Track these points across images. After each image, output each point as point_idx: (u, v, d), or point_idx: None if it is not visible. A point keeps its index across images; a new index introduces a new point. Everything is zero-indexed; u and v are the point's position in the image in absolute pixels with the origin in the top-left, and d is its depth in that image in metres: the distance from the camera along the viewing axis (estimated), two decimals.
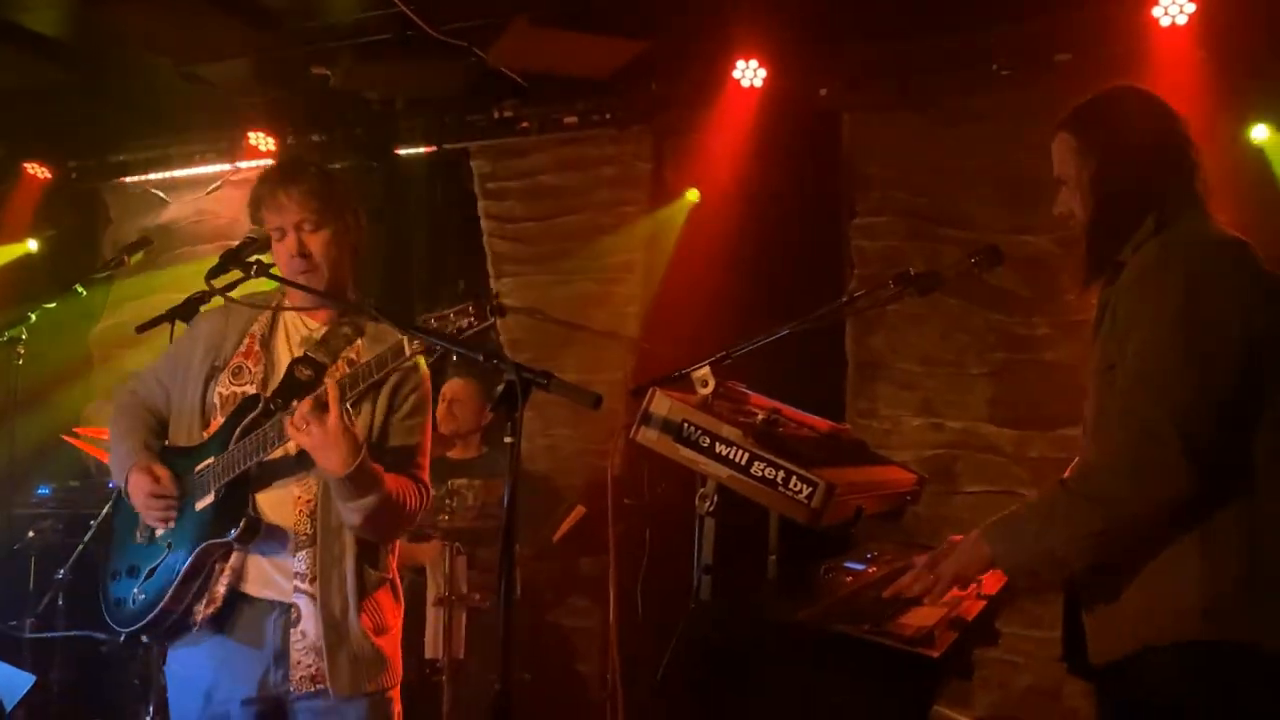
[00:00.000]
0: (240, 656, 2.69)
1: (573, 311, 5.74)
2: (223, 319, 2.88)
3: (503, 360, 2.35)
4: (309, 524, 2.69)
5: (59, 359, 5.71)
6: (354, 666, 2.68)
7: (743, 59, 5.05)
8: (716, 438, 2.44)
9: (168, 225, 6.42)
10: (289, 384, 2.72)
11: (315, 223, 2.77)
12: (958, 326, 4.94)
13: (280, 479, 2.72)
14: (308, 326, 2.85)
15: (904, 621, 2.32)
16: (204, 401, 2.80)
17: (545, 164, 5.88)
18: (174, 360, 2.92)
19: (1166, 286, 2.23)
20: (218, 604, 2.68)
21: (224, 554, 2.69)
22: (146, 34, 5.02)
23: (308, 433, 2.51)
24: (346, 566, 2.71)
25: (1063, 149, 2.45)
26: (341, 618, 2.69)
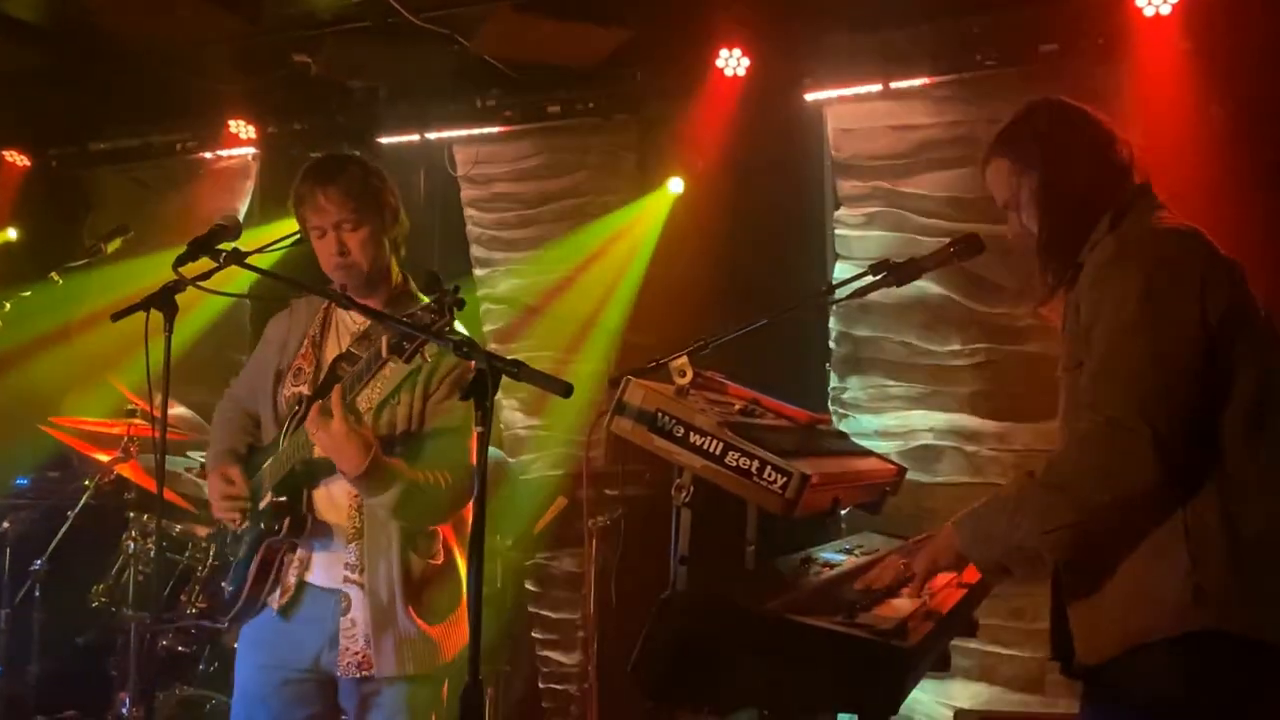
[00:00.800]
0: (300, 634, 2.86)
1: (556, 301, 5.72)
2: (288, 322, 3.03)
3: (473, 349, 2.36)
4: (357, 517, 2.82)
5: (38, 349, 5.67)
6: (399, 650, 2.80)
7: (726, 48, 5.03)
8: (691, 427, 2.42)
9: (148, 213, 6.37)
10: (329, 381, 2.78)
11: (355, 222, 2.83)
12: (941, 318, 4.92)
13: (331, 475, 2.83)
14: (356, 321, 2.91)
15: (877, 613, 2.30)
16: (275, 405, 2.95)
17: (529, 153, 5.85)
18: (256, 364, 3.09)
19: (1125, 278, 2.24)
20: (290, 592, 2.87)
21: (290, 547, 2.88)
22: (127, 20, 4.97)
23: (318, 438, 2.65)
24: (393, 557, 2.82)
25: (1000, 175, 2.48)
26: (389, 605, 2.81)
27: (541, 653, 5.66)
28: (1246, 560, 2.14)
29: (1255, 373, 2.21)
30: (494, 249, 5.96)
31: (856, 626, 2.15)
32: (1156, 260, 2.24)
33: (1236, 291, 2.25)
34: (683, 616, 2.20)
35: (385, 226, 2.90)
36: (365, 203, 2.84)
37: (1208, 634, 2.13)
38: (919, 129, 5.00)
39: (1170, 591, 2.15)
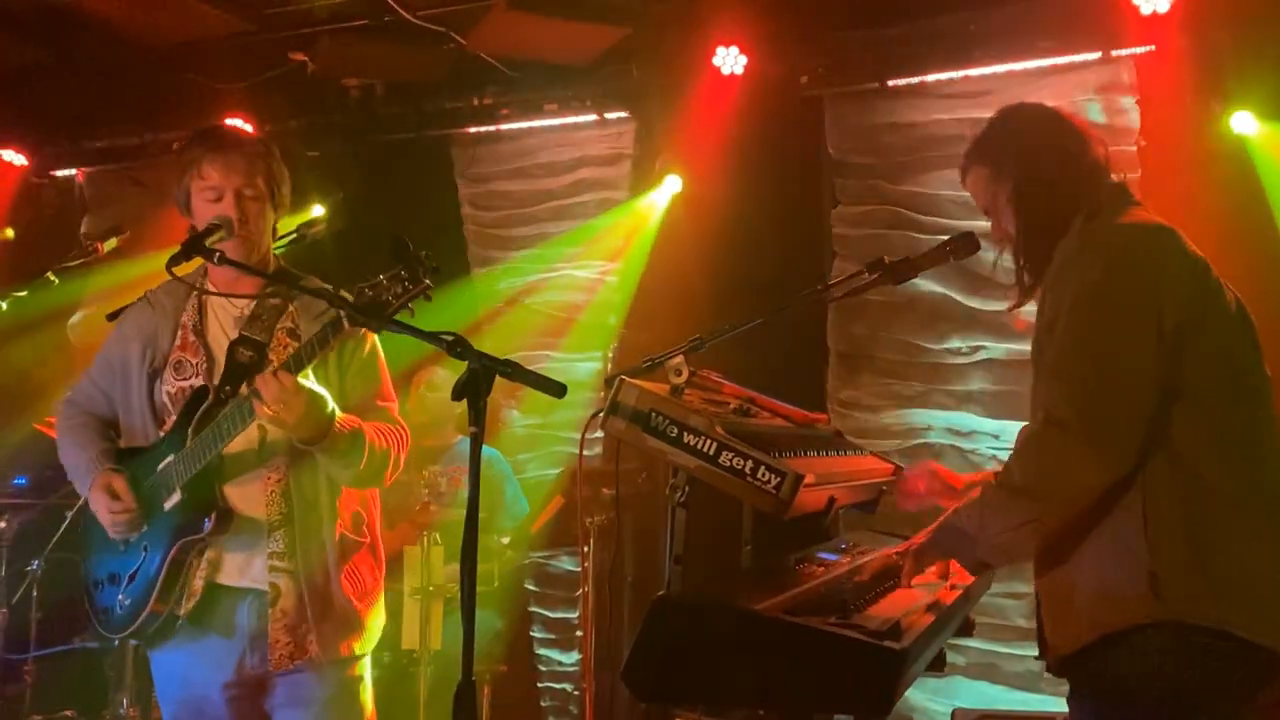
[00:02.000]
0: (216, 645, 2.72)
1: (554, 299, 5.72)
2: (149, 314, 2.86)
3: (465, 347, 2.32)
4: (282, 503, 2.71)
5: (35, 348, 5.66)
6: (336, 629, 2.73)
7: (723, 45, 5.01)
8: (684, 427, 2.40)
9: (144, 213, 6.35)
10: (232, 368, 2.71)
11: (257, 193, 2.76)
12: (939, 315, 4.91)
13: (245, 466, 2.73)
14: (235, 305, 2.82)
15: (871, 613, 2.29)
16: (153, 401, 2.79)
17: (525, 151, 5.85)
18: (109, 364, 2.90)
19: (1083, 275, 2.28)
20: (197, 598, 2.69)
21: (200, 549, 2.70)
22: (123, 17, 4.96)
23: (273, 409, 2.50)
24: (325, 536, 2.74)
25: (979, 181, 2.53)
26: (324, 586, 2.72)
27: (539, 651, 5.65)
28: (1205, 551, 2.17)
29: (1216, 368, 2.24)
30: (491, 247, 5.96)
31: (850, 627, 2.13)
32: (1115, 257, 2.29)
33: (1203, 289, 2.28)
34: (676, 617, 2.18)
35: (277, 205, 2.83)
36: (269, 176, 2.78)
37: (1169, 624, 2.16)
38: (917, 127, 5.00)
39: (1131, 582, 2.18)
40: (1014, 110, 2.57)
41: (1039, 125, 2.51)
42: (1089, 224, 2.37)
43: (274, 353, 2.73)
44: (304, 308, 2.79)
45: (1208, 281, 2.30)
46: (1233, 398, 2.26)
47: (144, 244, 6.23)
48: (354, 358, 2.80)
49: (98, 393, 2.91)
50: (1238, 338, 2.32)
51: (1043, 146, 2.46)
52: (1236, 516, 2.21)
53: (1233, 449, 2.24)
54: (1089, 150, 2.45)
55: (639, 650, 2.16)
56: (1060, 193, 2.41)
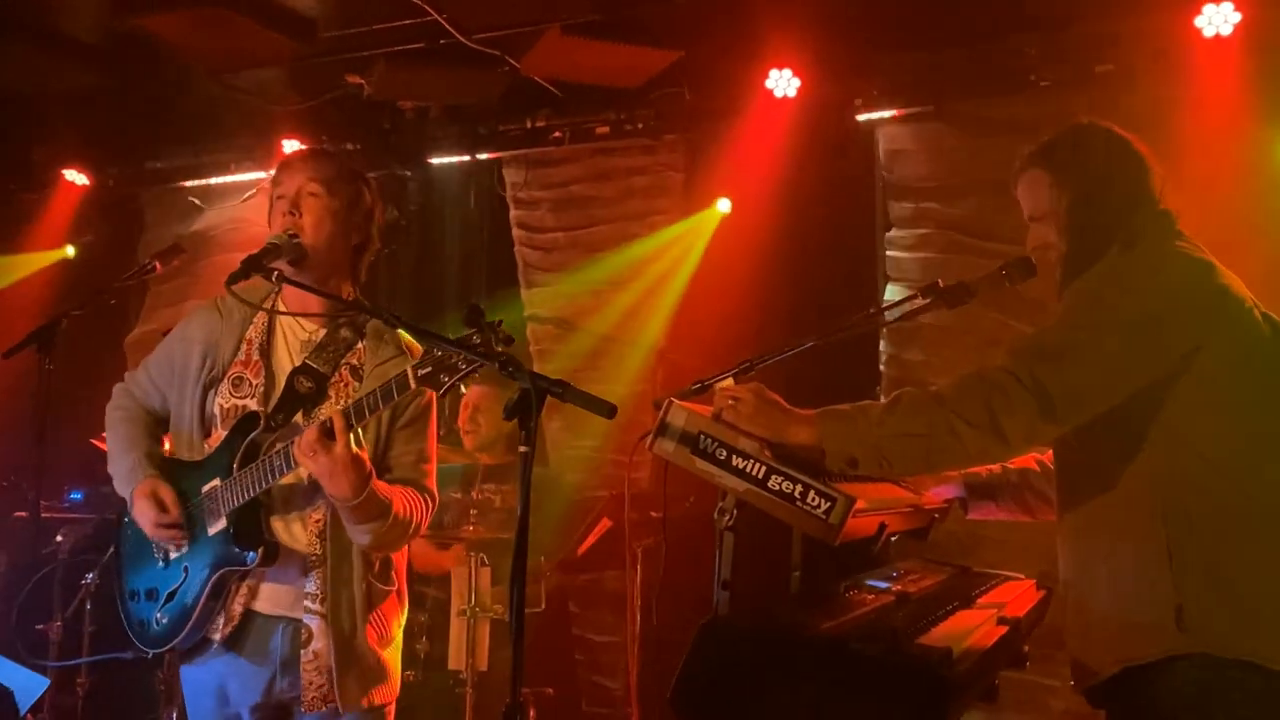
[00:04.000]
0: (249, 668, 2.72)
1: (602, 322, 5.72)
2: (217, 320, 2.82)
3: (517, 368, 2.31)
4: (319, 545, 2.68)
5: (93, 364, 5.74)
6: (361, 681, 2.70)
7: (776, 68, 5.00)
8: (733, 450, 2.38)
9: (203, 232, 6.45)
10: (289, 398, 2.69)
11: (318, 192, 2.72)
12: (995, 341, 4.84)
13: (291, 502, 2.71)
14: (305, 329, 2.79)
15: (923, 641, 2.26)
16: (204, 411, 2.77)
17: (577, 174, 5.88)
18: (168, 362, 2.87)
19: (1104, 281, 2.33)
20: (235, 623, 2.70)
21: (240, 576, 2.70)
22: (183, 42, 5.04)
23: (315, 461, 2.48)
24: (355, 586, 2.71)
25: (1037, 185, 2.54)
26: (350, 635, 2.69)
27: (583, 675, 5.62)
28: (1231, 583, 2.17)
29: (1243, 400, 2.25)
30: (541, 269, 5.98)
31: (902, 654, 2.11)
32: (1128, 271, 2.32)
33: (1232, 323, 2.28)
34: (725, 641, 2.16)
35: (348, 218, 2.77)
36: (335, 182, 2.74)
37: (1196, 656, 2.15)
38: (972, 150, 4.95)
39: (1156, 615, 2.18)
40: (1086, 127, 2.56)
41: (1108, 148, 2.51)
42: (1124, 253, 2.38)
43: (334, 388, 2.70)
44: (373, 347, 2.76)
45: (1241, 315, 2.29)
46: (1260, 429, 2.25)
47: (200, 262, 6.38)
48: (407, 409, 2.75)
49: (153, 387, 2.89)
50: (1271, 371, 2.30)
51: (1107, 171, 2.47)
52: (1263, 548, 2.19)
53: (1259, 481, 2.23)
54: (1148, 180, 2.46)
55: (687, 674, 2.14)
56: (1110, 220, 2.42)
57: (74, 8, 4.94)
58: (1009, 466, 2.93)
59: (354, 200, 2.79)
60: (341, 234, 2.77)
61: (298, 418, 2.65)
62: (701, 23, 4.78)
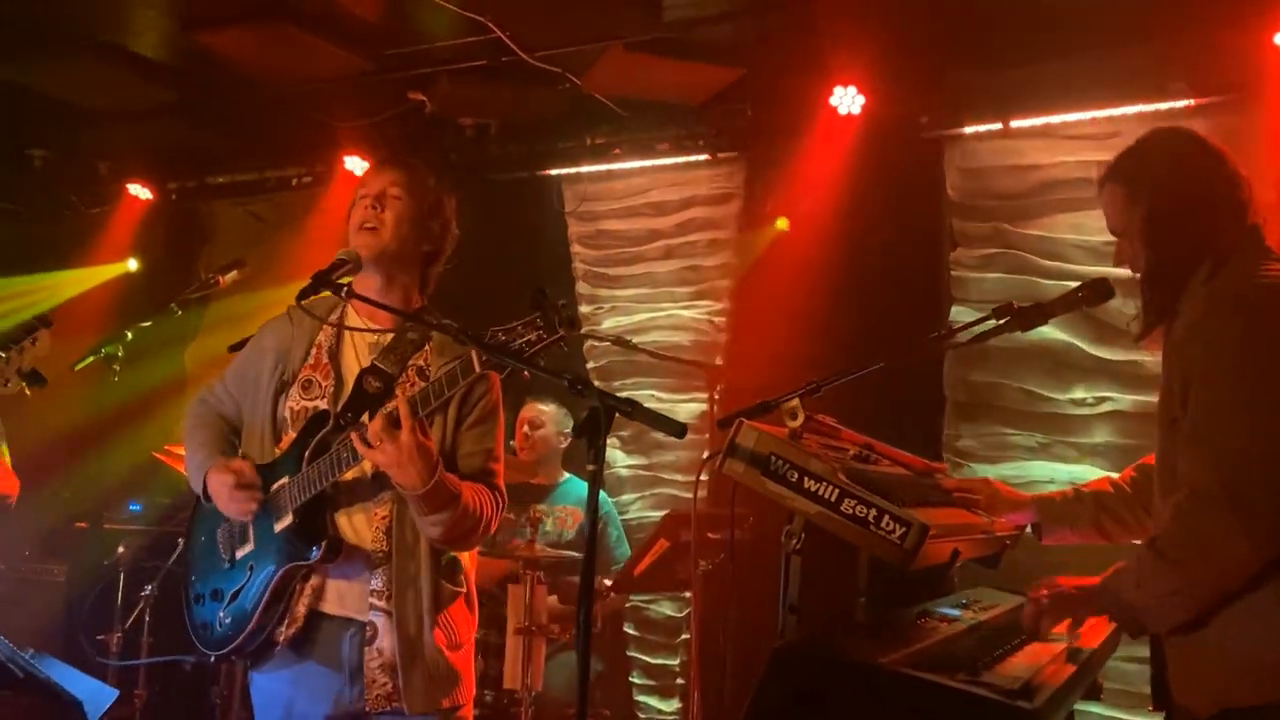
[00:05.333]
0: (317, 675, 2.70)
1: (660, 339, 5.69)
2: (288, 329, 2.86)
3: (586, 386, 2.30)
4: (385, 541, 2.68)
5: (155, 377, 5.80)
6: (428, 683, 2.67)
7: (841, 85, 4.95)
8: (805, 472, 2.36)
9: (263, 247, 6.50)
10: (358, 397, 2.71)
11: (399, 195, 2.76)
12: (1063, 364, 4.75)
13: (356, 497, 2.72)
14: (374, 334, 2.83)
15: (1000, 671, 2.20)
16: (275, 416, 2.80)
17: (635, 190, 5.86)
18: (242, 372, 2.91)
19: (1221, 337, 2.23)
20: (299, 624, 2.68)
21: (305, 574, 2.69)
22: (248, 58, 5.09)
23: (382, 450, 2.49)
24: (422, 583, 2.69)
25: (1113, 201, 2.48)
26: (416, 634, 2.67)
27: (639, 698, 5.57)
28: None
29: None
30: (599, 286, 5.96)
31: (980, 684, 2.05)
32: (1251, 318, 2.23)
33: None
34: (798, 668, 2.10)
35: (425, 224, 2.80)
36: (420, 193, 2.79)
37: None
38: (1041, 169, 4.87)
39: (1266, 657, 2.13)
40: (1163, 134, 2.51)
41: (1185, 156, 2.43)
42: (1217, 274, 2.30)
43: (401, 388, 2.71)
44: (439, 349, 2.77)
45: None
46: None
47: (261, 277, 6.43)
48: (476, 408, 2.76)
49: (228, 396, 2.94)
50: None
51: (1184, 180, 2.39)
52: None
53: None
54: (1233, 190, 2.37)
55: (759, 703, 2.09)
56: (1192, 233, 2.35)
57: (142, 25, 5.00)
58: (1083, 490, 2.87)
59: (434, 208, 2.84)
60: (416, 238, 2.81)
61: (365, 418, 2.65)
62: (765, 40, 4.74)
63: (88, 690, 2.72)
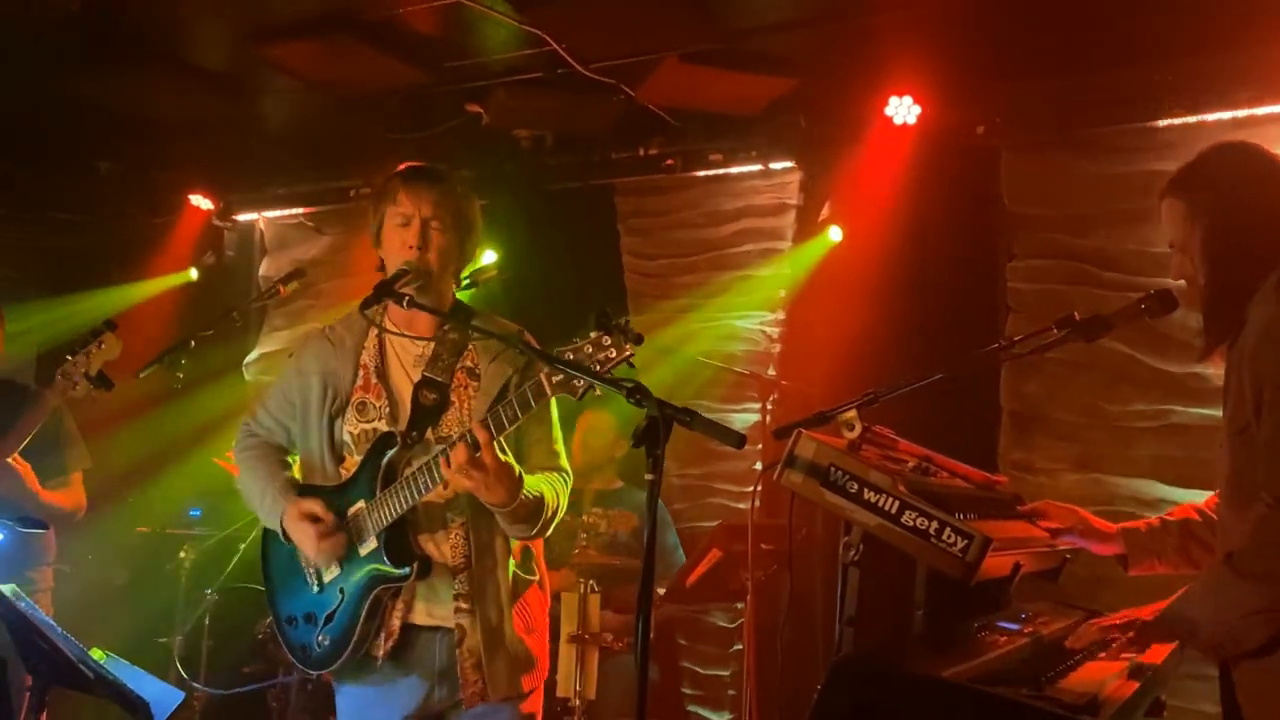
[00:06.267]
0: (408, 680, 2.81)
1: (712, 349, 5.68)
2: (329, 350, 2.91)
3: (645, 395, 2.31)
4: (465, 546, 2.77)
5: (214, 384, 5.89)
6: (510, 668, 2.78)
7: (896, 95, 4.92)
8: (865, 484, 2.36)
9: (320, 257, 6.58)
10: (418, 413, 2.78)
11: (444, 226, 2.82)
12: (1122, 376, 4.69)
13: (435, 514, 2.80)
14: (415, 344, 2.88)
15: (1064, 686, 2.19)
16: (333, 440, 2.86)
17: (688, 201, 5.86)
18: (288, 398, 2.96)
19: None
20: (395, 638, 2.78)
21: (394, 591, 2.80)
22: (307, 70, 5.16)
23: (469, 477, 2.57)
24: (499, 577, 2.80)
25: (1172, 215, 2.44)
26: (498, 624, 2.77)
27: (690, 708, 5.56)
28: None
29: None
30: (651, 296, 5.97)
31: (1045, 699, 2.04)
32: None
33: None
34: (861, 681, 2.10)
35: (465, 247, 2.90)
36: (462, 219, 2.85)
37: None
38: (1100, 179, 4.81)
39: None
40: (1225, 148, 2.47)
41: (1247, 169, 2.40)
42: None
43: (455, 393, 2.80)
44: (483, 346, 2.85)
45: None
46: None
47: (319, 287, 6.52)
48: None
49: (275, 424, 2.99)
50: None
51: (1245, 194, 2.35)
52: None
53: None
54: None
55: (819, 714, 2.09)
56: (1254, 249, 2.31)
57: (203, 37, 5.08)
58: (1169, 519, 2.82)
59: (469, 228, 2.90)
60: (459, 262, 2.92)
61: (429, 433, 2.75)
62: (820, 50, 4.72)
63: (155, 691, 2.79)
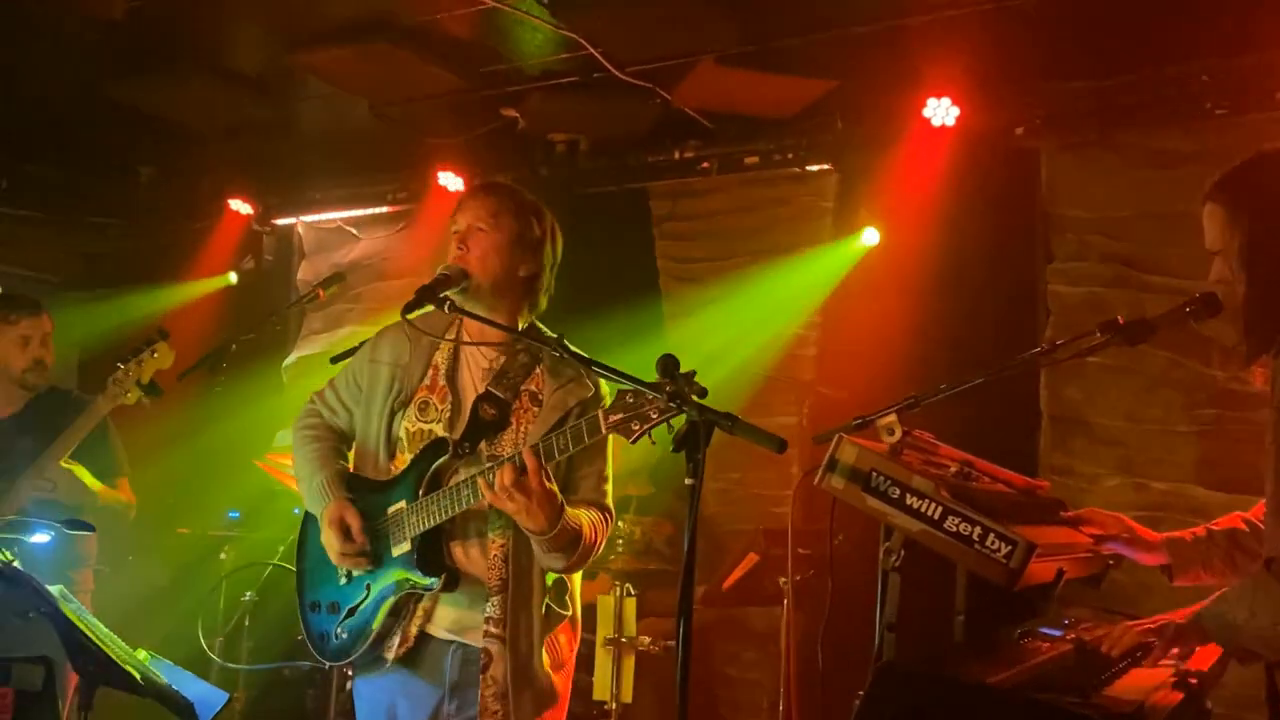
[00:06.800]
0: (420, 688, 2.79)
1: (746, 353, 5.66)
2: (404, 344, 2.91)
3: (685, 401, 2.31)
4: (502, 569, 2.74)
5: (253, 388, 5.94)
6: (535, 704, 2.75)
7: (934, 96, 4.89)
8: (907, 489, 2.34)
9: (357, 261, 6.62)
10: (475, 425, 2.77)
11: (484, 227, 2.81)
12: (1164, 380, 4.64)
13: (473, 528, 2.79)
14: (486, 357, 2.88)
15: (1110, 694, 2.16)
16: (390, 433, 2.86)
17: (724, 204, 5.85)
18: (355, 383, 2.97)
19: None
20: (409, 644, 2.78)
21: (418, 598, 2.79)
22: (345, 76, 5.19)
23: (511, 499, 2.55)
24: (534, 608, 2.76)
25: (1213, 221, 2.42)
26: (527, 657, 2.74)
27: (724, 713, 5.54)
28: None
29: None
30: (686, 300, 5.95)
31: (1092, 707, 2.02)
32: None
33: None
34: (903, 688, 2.09)
35: (514, 251, 2.84)
36: (505, 221, 2.82)
37: None
38: (1141, 181, 4.75)
39: None
40: (1269, 155, 2.44)
41: None
42: None
43: (515, 415, 2.78)
44: (551, 372, 2.82)
45: None
46: None
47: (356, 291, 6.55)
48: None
49: (340, 406, 3.00)
50: None
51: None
52: None
53: None
54: None
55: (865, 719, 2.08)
56: None
57: (242, 44, 5.13)
58: (1214, 529, 2.79)
59: (522, 232, 2.86)
60: (507, 266, 2.84)
61: (481, 446, 2.73)
62: (857, 51, 4.69)
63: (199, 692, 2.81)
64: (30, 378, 4.06)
